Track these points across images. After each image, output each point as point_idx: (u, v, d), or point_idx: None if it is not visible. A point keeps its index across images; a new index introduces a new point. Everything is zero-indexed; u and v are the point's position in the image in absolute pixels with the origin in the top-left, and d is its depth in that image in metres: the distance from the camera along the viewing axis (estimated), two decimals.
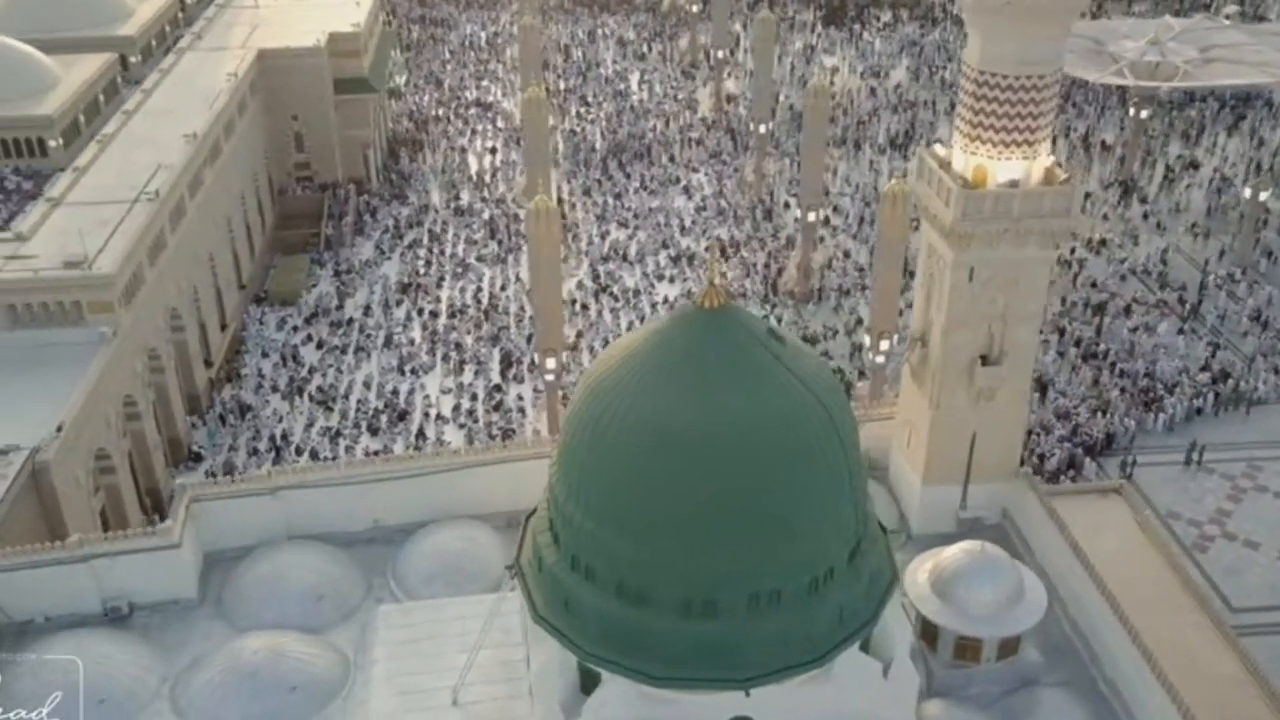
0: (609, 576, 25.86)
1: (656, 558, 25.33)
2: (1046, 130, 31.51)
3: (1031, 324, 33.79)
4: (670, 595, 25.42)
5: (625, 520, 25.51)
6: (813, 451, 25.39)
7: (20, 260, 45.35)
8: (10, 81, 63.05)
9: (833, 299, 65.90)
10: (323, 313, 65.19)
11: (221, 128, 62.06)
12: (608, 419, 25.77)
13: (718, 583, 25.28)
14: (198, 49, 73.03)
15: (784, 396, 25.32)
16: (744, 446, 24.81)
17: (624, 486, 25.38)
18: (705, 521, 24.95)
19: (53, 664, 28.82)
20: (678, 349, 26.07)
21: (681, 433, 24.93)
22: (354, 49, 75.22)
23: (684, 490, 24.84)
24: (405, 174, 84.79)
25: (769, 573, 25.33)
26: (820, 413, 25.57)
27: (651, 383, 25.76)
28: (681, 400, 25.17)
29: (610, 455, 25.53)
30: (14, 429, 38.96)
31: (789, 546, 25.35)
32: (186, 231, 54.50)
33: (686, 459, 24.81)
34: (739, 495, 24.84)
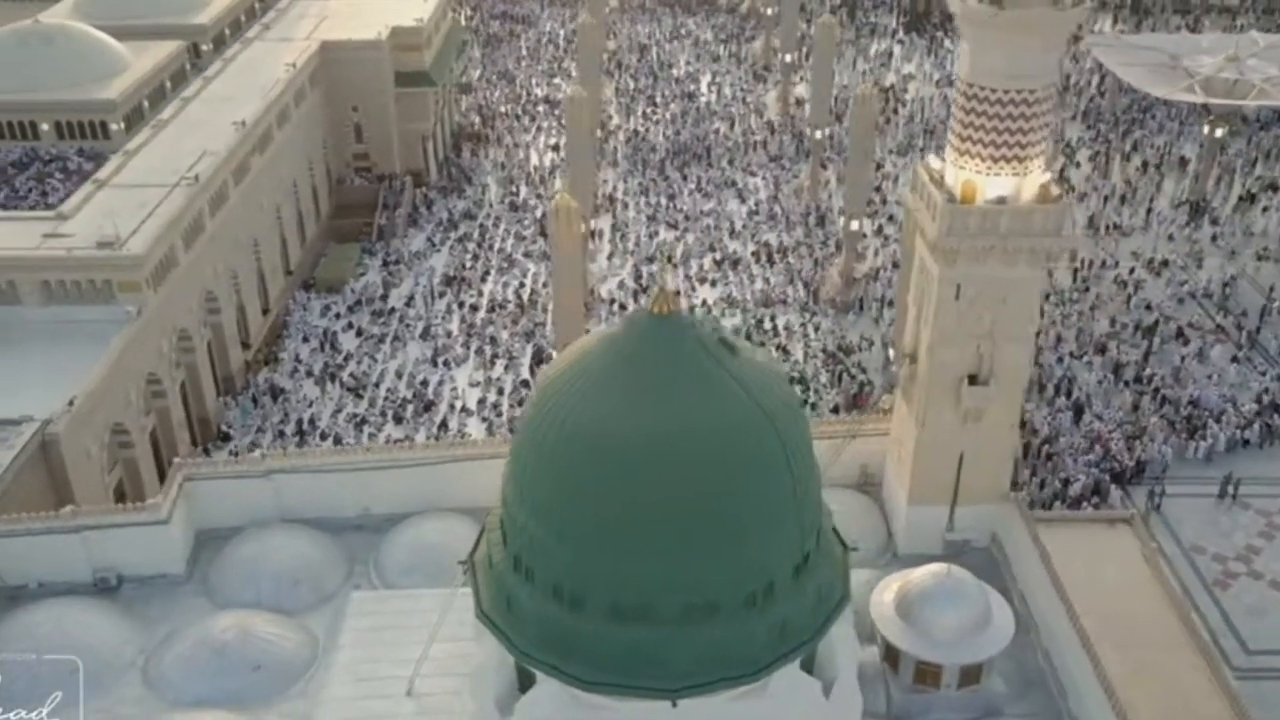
0: (547, 578, 25.80)
1: (591, 562, 25.22)
2: (1038, 146, 30.56)
3: (1022, 345, 32.82)
4: (603, 600, 25.23)
5: (563, 523, 25.44)
6: (754, 463, 24.97)
7: (57, 239, 47.04)
8: (79, 65, 65.39)
9: (874, 309, 64.86)
10: (366, 301, 66.35)
11: (274, 117, 63.55)
12: (551, 422, 25.72)
13: (650, 590, 25.02)
14: (265, 39, 74.91)
15: (727, 406, 24.96)
16: (681, 455, 24.53)
17: (563, 489, 25.30)
18: (639, 528, 24.71)
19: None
20: (624, 354, 25.90)
21: (618, 438, 24.74)
22: (416, 43, 76.33)
23: (619, 496, 24.63)
24: (466, 168, 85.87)
25: (703, 583, 24.96)
26: (764, 424, 25.16)
27: (595, 388, 25.63)
28: (621, 406, 24.98)
29: (551, 458, 25.47)
30: (32, 400, 40.41)
31: (725, 558, 24.99)
32: (228, 217, 55.91)
33: (622, 465, 24.63)
34: (674, 504, 24.54)
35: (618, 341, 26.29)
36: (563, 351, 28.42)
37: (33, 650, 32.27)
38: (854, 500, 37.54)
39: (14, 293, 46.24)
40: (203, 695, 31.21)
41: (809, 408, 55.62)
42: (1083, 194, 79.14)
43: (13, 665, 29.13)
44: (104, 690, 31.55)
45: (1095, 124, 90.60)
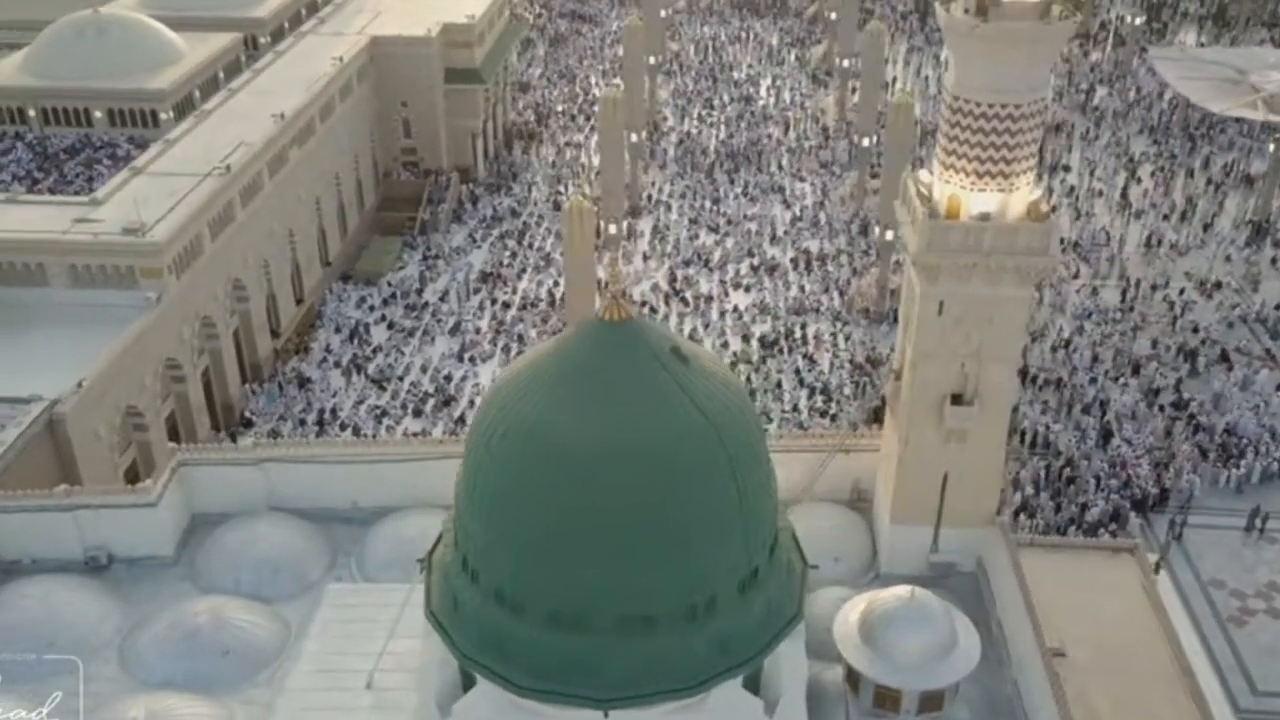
0: (490, 581, 25.85)
1: (531, 568, 25.19)
2: (1025, 163, 29.64)
3: (1008, 365, 31.89)
4: (541, 607, 25.17)
5: (505, 527, 25.45)
6: (696, 476, 24.69)
7: (87, 224, 48.33)
8: (133, 55, 67.23)
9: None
10: (401, 295, 67.08)
11: (317, 110, 64.54)
12: (498, 425, 25.78)
13: (587, 599, 24.91)
14: (318, 33, 76.13)
15: (672, 416, 24.71)
16: (622, 464, 24.37)
17: (506, 494, 25.30)
18: (577, 536, 24.62)
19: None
20: (573, 361, 25.85)
21: (561, 445, 24.69)
22: (467, 40, 76.92)
23: (558, 503, 24.57)
24: (515, 166, 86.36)
25: (640, 595, 24.79)
26: (710, 436, 24.84)
27: (542, 393, 25.59)
28: (566, 413, 24.91)
29: (496, 461, 25.49)
30: (47, 380, 41.57)
31: (663, 570, 24.75)
32: (262, 207, 56.93)
33: (562, 472, 24.57)
34: (613, 513, 24.38)
35: (569, 348, 26.27)
36: (520, 356, 28.47)
37: (17, 623, 33.48)
38: (843, 517, 36.82)
39: (43, 275, 47.66)
40: (171, 677, 31.72)
41: (829, 419, 54.92)
42: (1139, 211, 76.95)
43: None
44: (80, 669, 32.34)
45: (1163, 139, 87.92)
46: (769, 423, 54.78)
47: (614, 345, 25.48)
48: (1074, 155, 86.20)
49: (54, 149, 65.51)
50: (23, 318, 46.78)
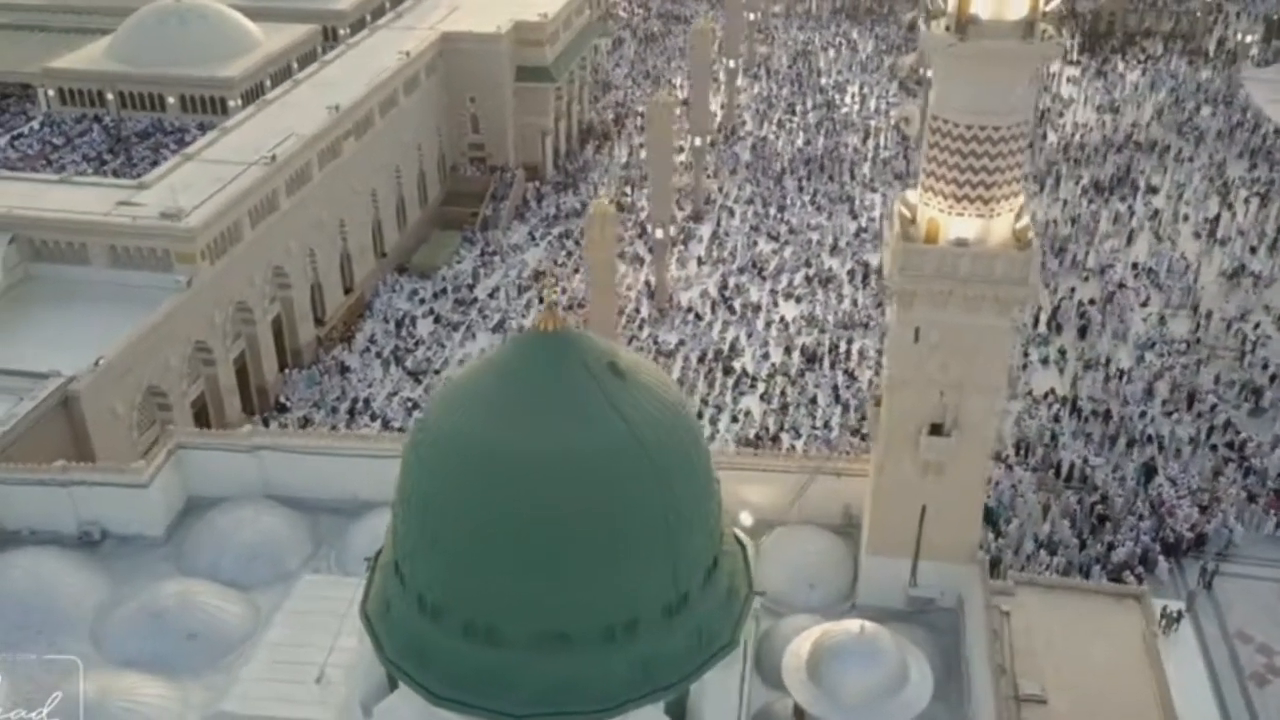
0: (414, 586, 25.79)
1: (449, 576, 25.11)
2: (1008, 188, 28.23)
3: (989, 397, 30.39)
4: (458, 616, 25.04)
5: (427, 533, 25.40)
6: (619, 495, 24.24)
7: (130, 207, 49.84)
8: (208, 44, 69.27)
9: None
10: (453, 289, 67.67)
11: (376, 103, 65.46)
12: (429, 432, 25.80)
13: (501, 612, 24.67)
14: (392, 27, 77.30)
15: (598, 433, 24.27)
16: (542, 479, 24.06)
17: (429, 500, 25.29)
18: (494, 548, 24.42)
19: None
20: (505, 371, 25.73)
21: (483, 455, 24.58)
22: (538, 38, 77.22)
23: (478, 513, 24.47)
24: (587, 165, 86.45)
25: (555, 611, 24.45)
26: (637, 455, 24.35)
27: (471, 402, 25.52)
28: (490, 423, 24.74)
29: (422, 467, 25.48)
30: (73, 357, 42.93)
31: (580, 588, 24.37)
32: (310, 197, 57.97)
33: (483, 482, 24.40)
34: (531, 527, 24.09)
35: (504, 357, 26.19)
36: (469, 363, 28.31)
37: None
38: (827, 542, 35.69)
39: (85, 254, 49.33)
40: (137, 657, 32.31)
41: (860, 438, 53.51)
42: (1225, 238, 73.28)
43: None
44: (54, 640, 33.16)
45: (1263, 164, 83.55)
46: (797, 438, 53.79)
47: (546, 356, 25.14)
48: (1165, 177, 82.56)
49: (126, 132, 67.89)
50: (64, 295, 48.50)
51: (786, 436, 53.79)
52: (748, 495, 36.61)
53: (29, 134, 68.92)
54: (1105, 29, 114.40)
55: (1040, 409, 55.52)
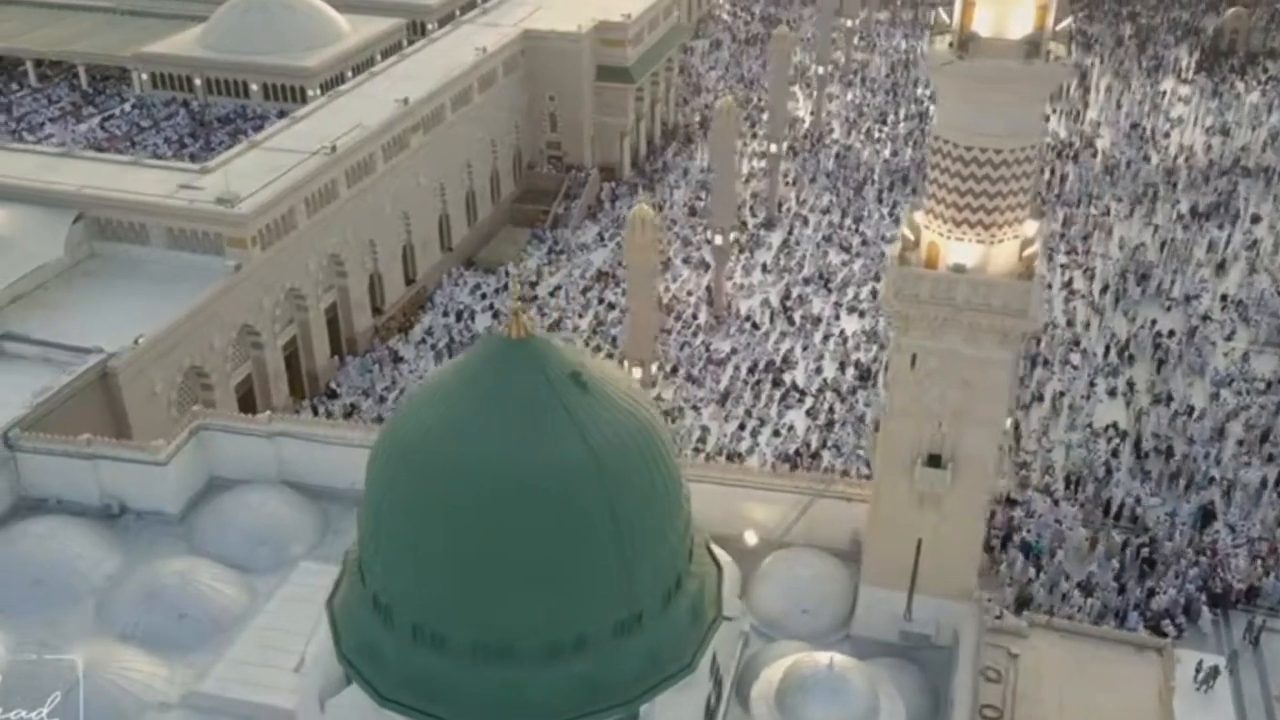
0: (371, 587, 25.98)
1: (399, 579, 25.26)
2: (1010, 214, 26.98)
3: (988, 431, 29.12)
4: (407, 619, 25.16)
5: (381, 537, 25.65)
6: (567, 511, 23.94)
7: (190, 190, 51.21)
8: (293, 34, 70.95)
9: (1020, 366, 59.59)
10: (510, 289, 68.06)
11: (449, 98, 66.07)
12: (389, 435, 25.91)
13: (446, 619, 24.72)
14: (476, 23, 77.98)
15: (551, 446, 24.04)
16: (490, 489, 23.95)
17: (383, 503, 25.52)
18: (440, 556, 24.46)
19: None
20: (469, 377, 25.72)
21: (433, 462, 24.65)
22: (620, 39, 77.08)
23: (428, 520, 24.57)
24: (665, 166, 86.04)
25: (498, 623, 24.37)
26: (590, 471, 24.02)
27: (433, 406, 25.65)
28: (445, 430, 24.81)
29: (380, 470, 25.66)
30: (119, 333, 44.29)
31: (523, 602, 24.20)
32: (372, 189, 58.79)
33: (434, 490, 24.50)
34: (476, 538, 24.05)
35: (470, 365, 26.09)
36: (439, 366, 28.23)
37: (17, 557, 35.81)
38: (828, 568, 34.66)
39: (145, 235, 50.84)
40: (130, 631, 33.14)
41: None
42: None
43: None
44: (60, 608, 34.25)
45: None
46: (838, 456, 52.58)
47: (511, 366, 24.92)
48: (1270, 206, 78.51)
49: (210, 117, 69.92)
50: (123, 273, 50.12)
51: (828, 454, 52.62)
52: (752, 514, 35.95)
53: (120, 115, 71.60)
54: (1226, 47, 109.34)
55: (1099, 442, 53.24)
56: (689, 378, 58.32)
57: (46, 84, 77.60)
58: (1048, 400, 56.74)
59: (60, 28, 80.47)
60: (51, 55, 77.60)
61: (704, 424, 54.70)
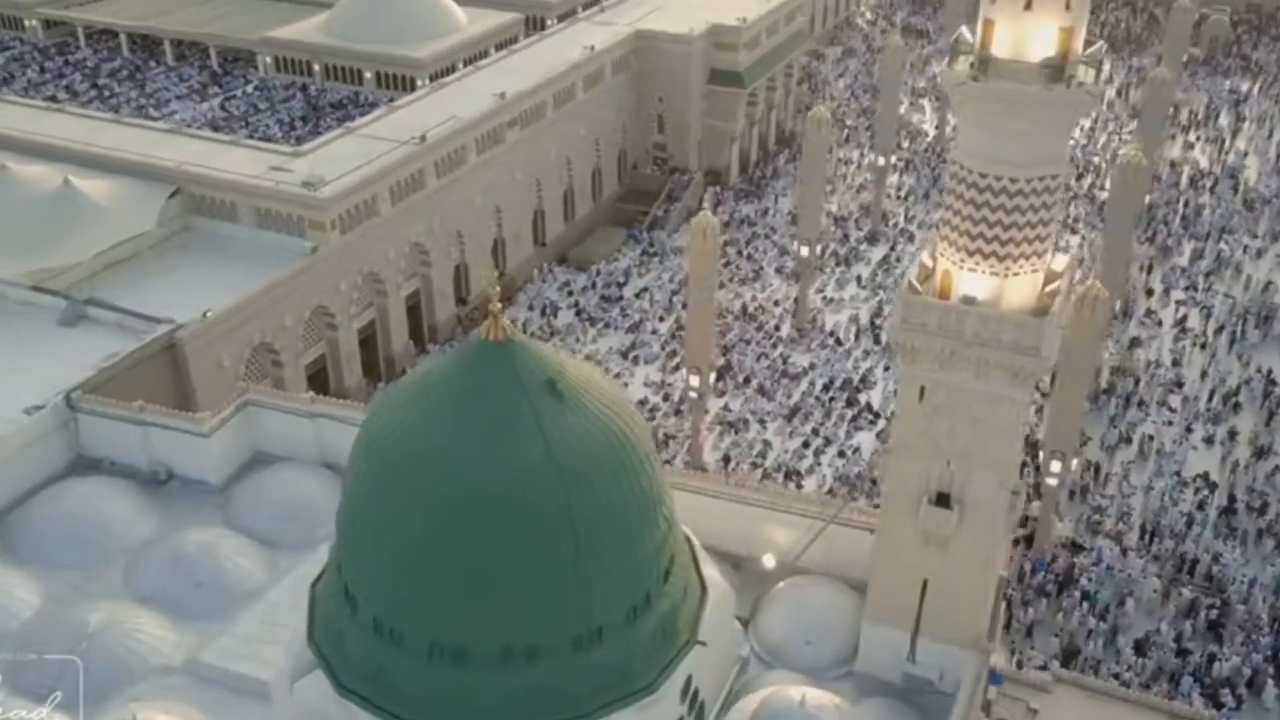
0: (341, 576, 26.22)
1: (362, 573, 25.52)
2: (1027, 247, 25.51)
3: (998, 473, 27.63)
4: (368, 612, 25.36)
5: (352, 527, 25.82)
6: (524, 517, 23.77)
7: (279, 172, 52.81)
8: (411, 24, 72.63)
9: (1111, 406, 56.66)
10: (603, 285, 68.07)
11: (550, 94, 66.44)
12: (367, 427, 26.11)
13: (403, 616, 24.87)
14: (591, 21, 78.26)
15: (512, 455, 23.90)
16: (450, 494, 24.01)
17: (355, 494, 25.77)
18: (401, 551, 24.58)
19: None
20: (444, 377, 25.85)
21: (400, 463, 24.81)
22: (733, 42, 76.27)
23: (388, 515, 24.77)
24: (776, 173, 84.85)
25: (451, 626, 24.40)
26: (551, 483, 23.76)
27: (409, 406, 25.83)
28: (414, 432, 24.91)
29: (355, 465, 25.84)
30: (196, 306, 45.96)
31: (475, 607, 24.14)
32: (462, 180, 59.55)
33: (397, 491, 24.72)
34: (433, 541, 24.13)
35: (448, 365, 26.16)
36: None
37: (59, 514, 37.52)
38: (842, 599, 33.48)
39: (235, 213, 52.67)
40: (150, 594, 34.32)
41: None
42: None
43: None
44: (92, 565, 35.73)
45: None
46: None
47: (485, 367, 24.87)
48: None
49: (323, 102, 72.01)
50: (212, 248, 52.06)
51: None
52: (773, 536, 35.08)
53: (241, 96, 74.44)
54: None
55: (1185, 493, 50.21)
56: (760, 390, 57.40)
57: (182, 63, 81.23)
58: (1136, 443, 53.77)
59: (200, 9, 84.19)
60: (188, 36, 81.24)
61: (767, 438, 53.72)
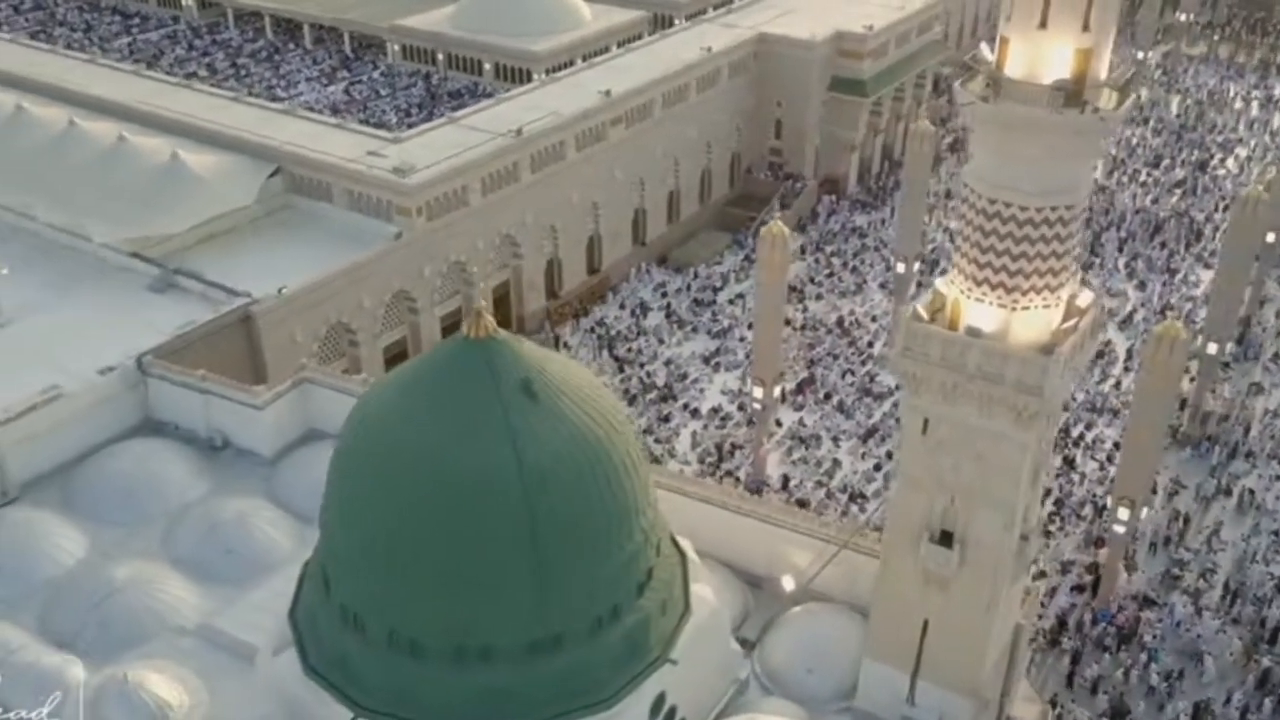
0: (320, 562, 26.71)
1: (334, 556, 26.06)
2: (1037, 280, 24.04)
3: (1001, 515, 26.18)
4: (337, 597, 25.93)
5: (326, 512, 26.35)
6: (482, 517, 24.02)
7: (375, 157, 54.12)
8: (535, 19, 73.64)
9: (1218, 455, 53.10)
10: (698, 289, 67.51)
11: (659, 94, 66.16)
12: (349, 419, 26.49)
13: (363, 605, 25.41)
14: (716, 22, 77.62)
15: (475, 455, 24.13)
16: (411, 483, 24.38)
17: (330, 484, 26.27)
18: (364, 541, 25.18)
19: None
20: (422, 372, 26.31)
21: (366, 448, 25.57)
22: (857, 50, 74.59)
23: (355, 503, 25.44)
24: (896, 184, 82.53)
25: (406, 619, 24.73)
26: (513, 482, 23.83)
27: (386, 401, 26.42)
28: (385, 426, 25.37)
29: (336, 453, 26.18)
30: (278, 281, 47.54)
31: (430, 602, 24.49)
32: (558, 175, 59.86)
33: (363, 473, 25.42)
34: (393, 529, 24.58)
35: (429, 360, 26.46)
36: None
37: (113, 472, 39.26)
38: (856, 629, 32.26)
39: (330, 194, 54.26)
40: (182, 556, 35.56)
41: (1047, 536, 47.63)
42: None
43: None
44: (137, 523, 37.22)
45: None
46: None
47: (462, 365, 25.07)
48: None
49: (442, 91, 73.48)
50: (307, 226, 53.82)
51: None
52: (794, 557, 34.16)
53: (366, 82, 76.64)
54: None
55: None
56: (839, 407, 55.99)
57: (318, 47, 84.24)
58: (1235, 497, 50.32)
59: None
60: (325, 20, 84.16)
61: (838, 457, 52.36)
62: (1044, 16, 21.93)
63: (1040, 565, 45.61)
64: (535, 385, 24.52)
